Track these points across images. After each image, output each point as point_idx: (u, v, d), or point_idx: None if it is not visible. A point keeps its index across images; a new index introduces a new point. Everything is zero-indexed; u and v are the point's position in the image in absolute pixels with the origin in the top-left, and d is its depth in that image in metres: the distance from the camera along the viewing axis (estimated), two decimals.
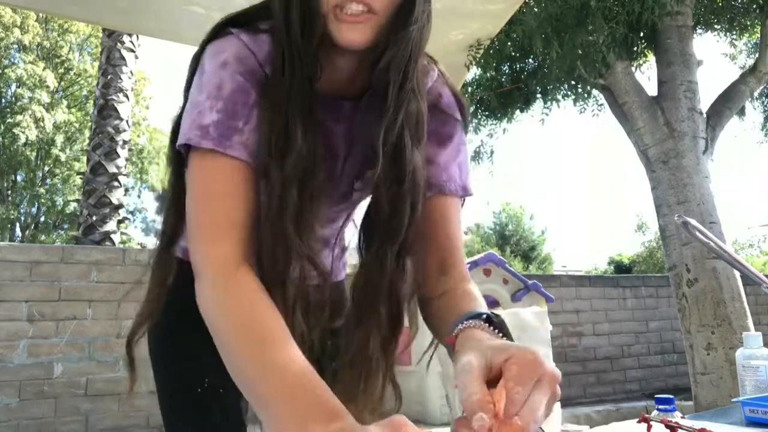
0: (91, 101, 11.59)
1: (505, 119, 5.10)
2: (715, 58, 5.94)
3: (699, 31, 4.81)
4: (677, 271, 3.97)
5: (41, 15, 14.63)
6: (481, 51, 2.79)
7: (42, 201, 17.37)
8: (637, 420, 0.95)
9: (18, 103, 16.14)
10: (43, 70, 15.93)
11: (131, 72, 7.40)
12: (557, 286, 5.78)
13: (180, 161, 0.76)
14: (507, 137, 6.47)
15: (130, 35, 7.25)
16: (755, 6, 4.43)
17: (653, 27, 4.20)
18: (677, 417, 0.95)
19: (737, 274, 3.85)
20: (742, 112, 5.08)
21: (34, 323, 3.80)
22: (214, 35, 0.76)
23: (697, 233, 1.11)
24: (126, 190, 7.22)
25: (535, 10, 3.90)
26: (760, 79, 4.48)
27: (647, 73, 4.80)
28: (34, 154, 16.96)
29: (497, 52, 4.33)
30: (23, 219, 17.91)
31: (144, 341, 0.90)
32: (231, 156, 0.69)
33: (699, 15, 4.59)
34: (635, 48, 4.41)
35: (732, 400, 1.10)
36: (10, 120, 15.70)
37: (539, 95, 4.82)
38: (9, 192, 17.37)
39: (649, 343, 6.24)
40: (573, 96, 4.75)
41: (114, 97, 7.12)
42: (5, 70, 15.88)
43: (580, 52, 3.94)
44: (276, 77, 0.72)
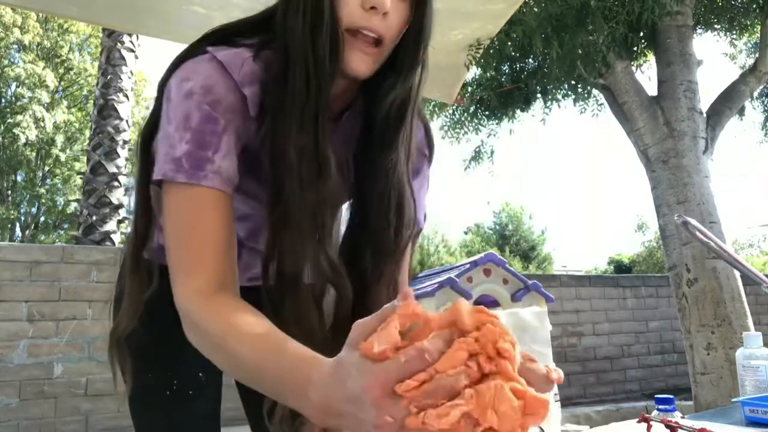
0: (91, 101, 11.58)
1: (506, 119, 5.10)
2: (715, 58, 5.93)
3: (699, 31, 4.80)
4: (677, 271, 3.96)
5: (41, 15, 14.62)
6: (481, 51, 2.78)
7: (42, 201, 17.37)
8: (637, 420, 0.95)
9: (18, 103, 16.14)
10: (43, 69, 15.93)
11: (131, 72, 7.39)
12: (557, 286, 5.78)
13: (149, 163, 0.77)
14: (507, 137, 6.47)
15: (130, 35, 7.25)
16: (755, 6, 4.42)
17: (653, 27, 4.20)
18: (677, 417, 0.95)
19: (737, 274, 3.85)
20: (742, 111, 5.08)
21: (34, 323, 3.80)
22: (188, 53, 0.76)
23: (697, 233, 1.11)
24: (126, 190, 7.21)
25: (535, 10, 3.90)
26: (760, 79, 4.47)
27: (647, 73, 4.80)
28: (34, 154, 16.96)
29: (497, 52, 4.32)
30: (23, 219, 17.90)
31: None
32: (205, 186, 0.71)
33: (699, 15, 4.58)
34: (635, 48, 4.40)
35: (732, 400, 1.10)
36: (10, 120, 15.70)
37: (539, 95, 4.81)
38: (9, 192, 17.37)
39: (649, 343, 6.23)
40: (573, 96, 4.74)
41: (114, 97, 7.11)
42: (5, 69, 15.87)
43: (580, 52, 3.93)
44: (293, 96, 0.72)
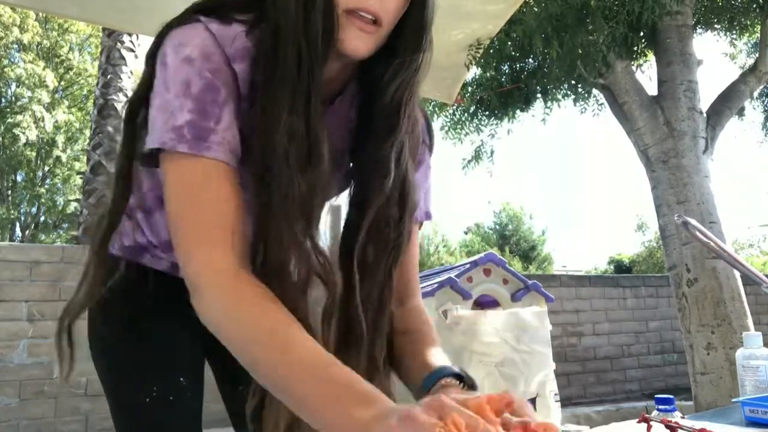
0: (91, 101, 11.59)
1: (506, 119, 5.10)
2: (715, 57, 5.93)
3: (699, 31, 4.80)
4: (677, 271, 3.96)
5: (41, 14, 14.62)
6: (481, 51, 2.78)
7: (42, 201, 17.36)
8: (637, 420, 0.95)
9: (18, 103, 16.14)
10: (43, 69, 15.92)
11: (131, 72, 7.39)
12: (557, 286, 5.77)
13: (133, 139, 0.74)
14: (507, 137, 6.47)
15: (130, 35, 7.25)
16: (755, 6, 4.42)
17: (653, 26, 4.19)
18: (677, 417, 0.95)
19: (737, 273, 3.85)
20: (741, 111, 5.08)
21: (34, 323, 3.80)
22: (178, 21, 0.71)
23: (697, 233, 1.11)
24: None
25: (535, 9, 3.90)
26: (760, 79, 4.47)
27: (647, 73, 4.80)
28: (34, 154, 16.95)
29: (497, 51, 4.32)
30: (23, 219, 17.90)
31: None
32: (210, 158, 0.66)
33: (699, 15, 4.58)
34: (635, 47, 4.39)
35: (732, 400, 1.10)
36: (10, 120, 15.69)
37: (539, 95, 4.81)
38: (9, 192, 17.36)
39: (649, 343, 6.23)
40: (573, 96, 4.74)
41: (114, 97, 7.10)
42: (5, 69, 15.87)
43: (580, 51, 3.93)
44: (284, 77, 0.68)
